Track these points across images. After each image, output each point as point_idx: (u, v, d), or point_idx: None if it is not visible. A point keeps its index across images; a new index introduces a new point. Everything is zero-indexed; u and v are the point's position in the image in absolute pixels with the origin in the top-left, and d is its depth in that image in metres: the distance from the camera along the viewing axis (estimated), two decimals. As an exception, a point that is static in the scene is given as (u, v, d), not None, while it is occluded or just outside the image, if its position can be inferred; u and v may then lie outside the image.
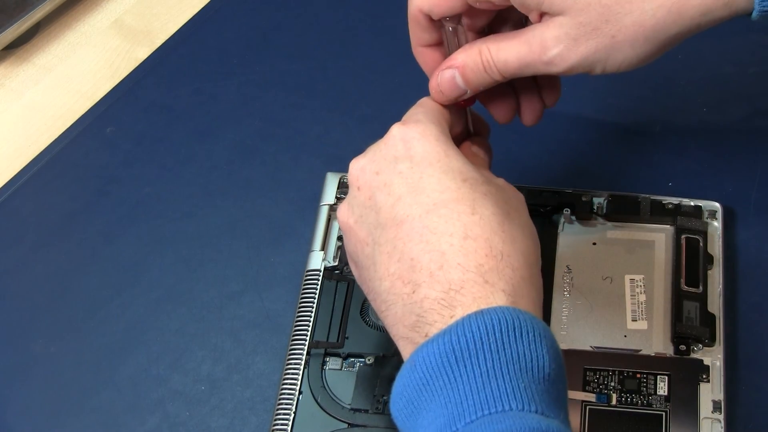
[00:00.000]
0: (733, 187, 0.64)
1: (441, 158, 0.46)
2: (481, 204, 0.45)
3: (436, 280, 0.43)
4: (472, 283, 0.42)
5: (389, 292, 0.45)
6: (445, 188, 0.45)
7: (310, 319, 0.58)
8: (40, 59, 0.76)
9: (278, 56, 0.74)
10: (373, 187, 0.47)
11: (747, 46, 0.70)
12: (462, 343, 0.41)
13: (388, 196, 0.46)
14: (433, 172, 0.46)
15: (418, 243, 0.44)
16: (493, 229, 0.44)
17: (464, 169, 0.46)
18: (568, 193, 0.62)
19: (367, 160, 0.48)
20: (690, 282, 0.58)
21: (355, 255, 0.48)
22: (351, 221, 0.48)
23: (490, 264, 0.43)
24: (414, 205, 0.45)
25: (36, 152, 0.70)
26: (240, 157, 0.69)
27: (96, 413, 0.58)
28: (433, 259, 0.43)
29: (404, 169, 0.46)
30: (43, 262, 0.65)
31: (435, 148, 0.46)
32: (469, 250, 0.43)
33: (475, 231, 0.44)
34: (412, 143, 0.47)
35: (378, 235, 0.46)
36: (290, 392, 0.56)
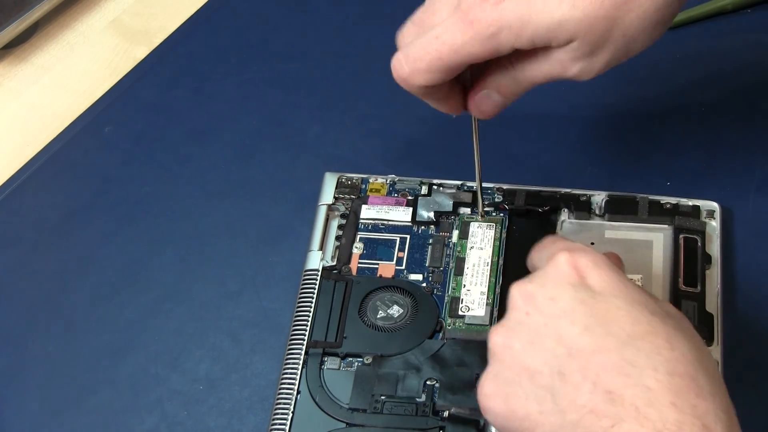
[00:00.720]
0: (732, 187, 0.64)
1: (623, 289, 0.44)
2: (677, 339, 0.43)
3: (645, 417, 0.40)
4: (691, 426, 0.40)
5: (577, 425, 0.42)
6: (636, 321, 0.43)
7: (309, 319, 0.58)
8: (38, 59, 0.76)
9: (277, 56, 0.74)
10: (550, 314, 0.44)
11: (746, 46, 0.70)
12: None
13: (571, 324, 0.43)
14: (620, 303, 0.43)
15: (617, 375, 0.41)
16: (695, 366, 0.42)
17: (648, 301, 0.44)
18: (566, 193, 0.62)
19: (535, 284, 0.46)
20: (688, 282, 0.58)
21: (516, 385, 0.44)
22: (517, 346, 0.44)
23: (704, 406, 0.41)
24: (605, 336, 0.42)
25: (34, 152, 0.70)
26: (238, 157, 0.69)
27: (94, 413, 0.58)
28: (638, 394, 0.41)
29: (587, 298, 0.44)
30: (41, 262, 0.65)
31: (613, 277, 0.45)
32: (679, 389, 0.41)
33: (679, 368, 0.42)
34: (586, 271, 0.45)
35: (559, 365, 0.43)
36: (288, 392, 0.56)
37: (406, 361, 0.56)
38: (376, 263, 0.60)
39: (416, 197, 0.63)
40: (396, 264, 0.60)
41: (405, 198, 0.63)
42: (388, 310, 0.58)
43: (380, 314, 0.58)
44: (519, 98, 0.52)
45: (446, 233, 0.61)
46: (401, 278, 0.60)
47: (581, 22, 0.45)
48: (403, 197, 0.63)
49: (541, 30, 0.46)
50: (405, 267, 0.60)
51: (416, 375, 0.55)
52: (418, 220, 0.62)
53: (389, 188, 0.64)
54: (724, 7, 0.71)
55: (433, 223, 0.62)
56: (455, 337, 0.57)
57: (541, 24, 0.45)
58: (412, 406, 0.54)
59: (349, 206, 0.63)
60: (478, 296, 0.58)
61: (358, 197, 0.63)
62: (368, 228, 0.62)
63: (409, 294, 0.59)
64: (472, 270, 0.59)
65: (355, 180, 0.64)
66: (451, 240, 0.61)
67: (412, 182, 0.64)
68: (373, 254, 0.61)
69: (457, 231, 0.61)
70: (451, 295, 0.58)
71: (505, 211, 0.62)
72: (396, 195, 0.63)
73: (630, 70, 0.69)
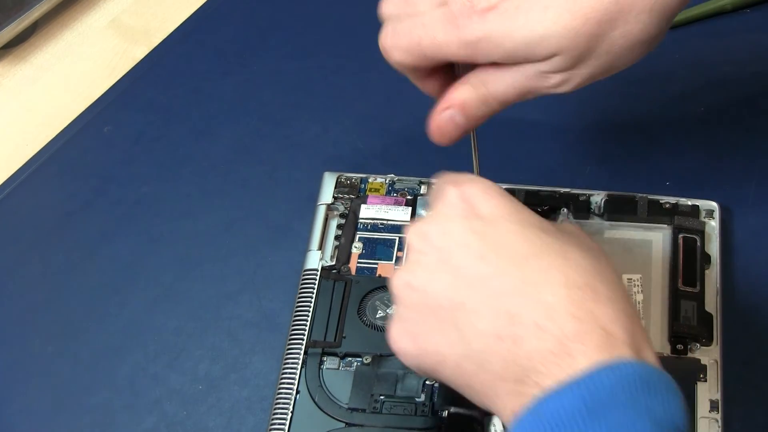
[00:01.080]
0: (731, 187, 0.64)
1: (512, 212, 0.45)
2: (571, 251, 0.43)
3: (546, 330, 0.41)
4: (591, 332, 0.41)
5: (483, 351, 0.42)
6: (528, 241, 0.44)
7: (308, 319, 0.58)
8: (37, 58, 0.76)
9: (276, 55, 0.74)
10: (445, 249, 0.44)
11: (745, 46, 0.70)
12: (595, 395, 0.39)
13: (466, 256, 0.44)
14: (511, 226, 0.44)
15: (515, 296, 0.42)
16: (591, 274, 0.43)
17: (539, 220, 0.45)
18: (565, 192, 0.62)
19: (428, 224, 0.46)
20: (687, 281, 0.58)
21: (421, 323, 0.45)
22: (417, 286, 0.45)
23: (602, 311, 0.42)
24: (500, 261, 0.43)
25: (33, 151, 0.70)
26: (237, 157, 0.69)
27: (93, 412, 0.58)
28: (537, 311, 0.41)
29: (478, 227, 0.44)
30: (40, 262, 0.65)
31: (502, 202, 0.45)
32: (576, 299, 0.42)
33: (575, 278, 0.42)
34: (475, 200, 0.45)
35: (459, 297, 0.43)
36: (287, 391, 0.56)
37: (406, 360, 0.56)
38: (376, 263, 0.60)
39: (415, 197, 0.63)
40: (395, 263, 0.60)
41: (404, 197, 0.63)
42: (388, 309, 0.58)
43: (379, 314, 0.58)
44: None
45: (445, 233, 0.61)
46: (400, 278, 0.60)
47: (564, 38, 0.45)
48: (402, 197, 0.63)
49: (520, 44, 0.45)
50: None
51: (415, 375, 0.55)
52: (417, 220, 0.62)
53: (388, 188, 0.64)
54: (723, 7, 0.71)
55: (433, 222, 0.62)
56: (454, 336, 0.57)
57: (521, 38, 0.45)
58: (411, 406, 0.54)
59: (349, 206, 0.63)
60: (477, 296, 0.58)
61: (357, 197, 0.63)
62: (367, 227, 0.62)
63: (408, 294, 0.59)
64: (472, 270, 0.59)
65: (354, 179, 0.64)
66: (451, 240, 0.61)
67: (411, 182, 0.64)
68: (373, 254, 0.61)
69: (456, 231, 0.61)
70: (450, 294, 0.58)
71: (505, 211, 0.62)
72: (395, 194, 0.63)
73: (629, 70, 0.69)
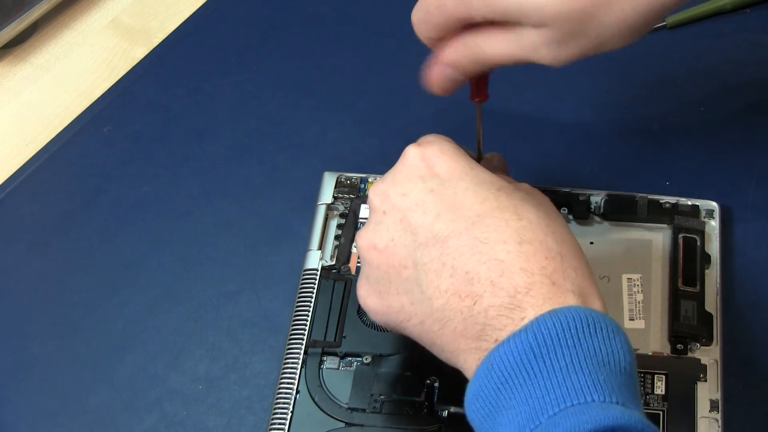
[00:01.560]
0: (731, 187, 0.64)
1: (468, 171, 0.46)
2: (524, 209, 0.45)
3: (500, 287, 0.43)
4: (540, 285, 0.43)
5: (444, 309, 0.44)
6: (483, 199, 0.45)
7: (308, 319, 0.58)
8: (37, 58, 0.76)
9: (276, 55, 0.74)
10: (404, 209, 0.46)
11: (744, 46, 0.70)
12: (540, 340, 0.41)
13: (423, 215, 0.45)
14: (466, 185, 0.46)
15: (471, 255, 0.44)
16: (544, 231, 0.45)
17: (494, 179, 0.46)
18: (565, 192, 0.62)
19: (387, 184, 0.48)
20: (687, 281, 0.58)
21: (386, 281, 0.47)
22: (380, 245, 0.47)
23: (552, 266, 0.43)
24: (456, 220, 0.45)
25: (33, 151, 0.70)
26: (237, 157, 0.69)
27: (93, 412, 0.58)
28: (492, 268, 0.43)
29: (435, 186, 0.46)
30: (40, 261, 0.65)
31: (458, 162, 0.47)
32: (528, 254, 0.43)
33: (527, 235, 0.44)
34: (433, 161, 0.47)
35: (419, 255, 0.45)
36: (287, 391, 0.56)
37: (406, 360, 0.56)
38: (375, 263, 0.60)
39: (415, 197, 0.63)
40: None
41: (404, 197, 0.63)
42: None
43: (379, 314, 0.58)
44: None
45: (445, 233, 0.61)
46: (400, 278, 0.60)
47: (557, 12, 0.45)
48: (402, 197, 0.63)
49: (513, 7, 0.45)
50: (404, 266, 0.60)
51: (415, 374, 0.55)
52: (417, 220, 0.62)
53: (388, 188, 0.64)
54: (722, 7, 0.71)
55: (432, 222, 0.62)
56: (454, 336, 0.57)
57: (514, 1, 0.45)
58: (411, 406, 0.54)
59: (348, 205, 0.63)
60: (477, 296, 0.58)
61: (357, 196, 0.63)
62: (367, 227, 0.62)
63: (408, 293, 0.59)
64: (471, 269, 0.59)
65: (354, 179, 0.64)
66: (450, 239, 0.61)
67: (411, 182, 0.64)
68: (372, 254, 0.61)
69: (456, 230, 0.61)
70: (450, 294, 0.58)
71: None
72: (395, 194, 0.63)
73: (629, 69, 0.69)
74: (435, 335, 0.45)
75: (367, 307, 0.49)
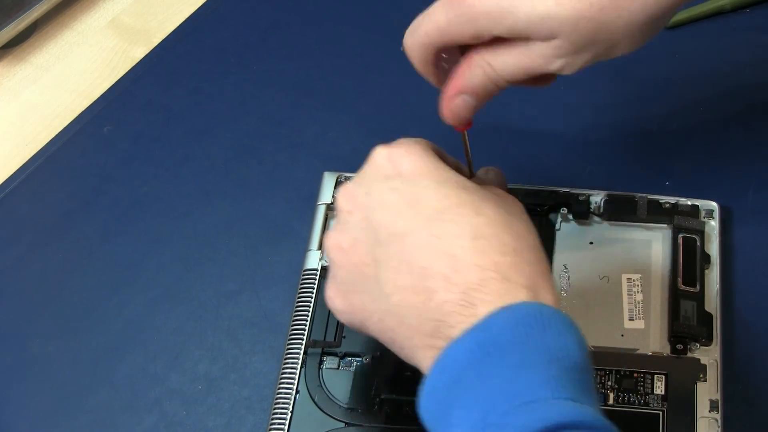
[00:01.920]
0: (731, 187, 0.64)
1: (431, 170, 0.46)
2: (483, 206, 0.45)
3: (453, 283, 0.43)
4: (492, 281, 0.43)
5: (401, 305, 0.44)
6: (443, 196, 0.45)
7: (308, 319, 0.58)
8: (37, 58, 0.76)
9: (276, 55, 0.74)
10: (367, 208, 0.46)
11: (744, 45, 0.70)
12: (489, 338, 0.41)
13: (385, 213, 0.46)
14: (428, 183, 0.46)
15: (427, 251, 0.44)
16: (500, 227, 0.44)
17: (457, 178, 0.46)
18: (565, 192, 0.62)
19: (354, 185, 0.48)
20: (687, 281, 0.58)
21: (350, 281, 0.47)
22: (345, 245, 0.47)
23: (506, 261, 0.43)
24: (415, 217, 0.45)
25: (33, 151, 0.70)
26: (237, 157, 0.69)
27: (93, 412, 0.58)
28: (445, 264, 0.43)
29: (397, 185, 0.46)
30: (40, 261, 0.65)
31: (424, 161, 0.47)
32: (482, 250, 0.43)
33: (483, 231, 0.44)
34: (399, 161, 0.47)
35: (380, 253, 0.45)
36: (287, 391, 0.56)
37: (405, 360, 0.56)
38: (375, 263, 0.60)
39: (415, 197, 0.63)
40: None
41: (404, 197, 0.63)
42: (387, 309, 0.58)
43: (379, 314, 0.58)
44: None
45: (445, 233, 0.61)
46: (400, 278, 0.60)
47: (565, 21, 0.45)
48: (402, 197, 0.63)
49: (521, 22, 0.45)
50: (404, 266, 0.60)
51: (415, 374, 0.55)
52: (417, 220, 0.62)
53: (388, 188, 0.64)
54: (722, 6, 0.71)
55: (432, 222, 0.62)
56: (454, 336, 0.57)
57: (522, 16, 0.45)
58: (410, 406, 0.54)
59: (348, 206, 0.63)
60: (477, 296, 0.58)
61: (357, 197, 0.63)
62: (367, 227, 0.62)
63: (408, 293, 0.59)
64: (471, 269, 0.59)
65: (354, 179, 0.64)
66: (450, 239, 0.61)
67: (411, 182, 0.64)
68: (372, 254, 0.61)
69: (456, 230, 0.61)
70: (450, 294, 0.58)
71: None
72: (395, 194, 0.63)
73: (628, 69, 0.69)
74: (393, 333, 0.46)
75: (334, 307, 0.49)
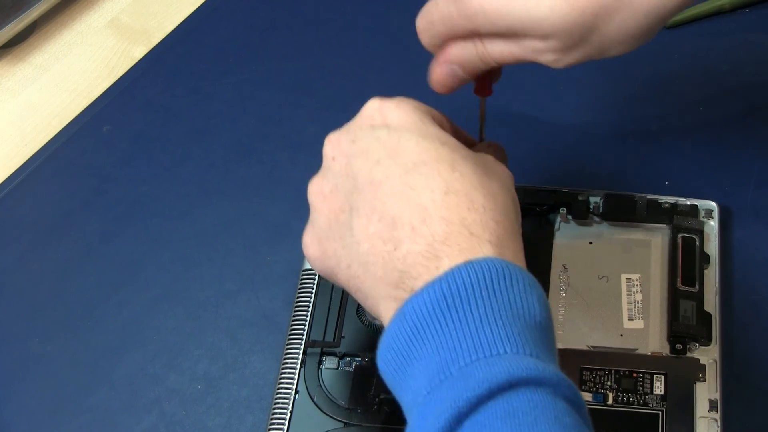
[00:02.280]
0: (730, 187, 0.64)
1: (418, 124, 0.47)
2: (461, 164, 0.45)
3: (419, 234, 0.43)
4: (457, 235, 0.43)
5: (368, 253, 0.44)
6: (423, 150, 0.45)
7: (307, 318, 0.58)
8: (36, 58, 0.76)
9: (275, 55, 0.74)
10: (350, 155, 0.47)
11: (743, 45, 0.70)
12: (453, 291, 0.41)
13: (365, 161, 0.46)
14: (410, 136, 0.46)
15: (399, 200, 0.44)
16: (473, 185, 0.45)
17: (442, 135, 0.47)
18: (564, 192, 0.62)
19: (341, 132, 0.49)
20: (686, 281, 0.58)
21: (326, 227, 0.47)
22: (326, 191, 0.47)
23: (473, 217, 0.44)
24: (393, 167, 0.45)
25: (32, 151, 0.70)
26: (236, 156, 0.69)
27: (92, 412, 0.58)
28: (414, 214, 0.44)
29: (382, 135, 0.47)
30: (39, 261, 0.65)
31: (411, 115, 0.47)
32: (451, 204, 0.44)
33: (455, 186, 0.44)
34: (388, 112, 0.48)
35: (355, 200, 0.46)
36: (287, 391, 0.56)
37: (405, 360, 0.56)
38: (375, 262, 0.60)
39: (414, 196, 0.63)
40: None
41: (403, 197, 0.63)
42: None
43: (378, 313, 0.58)
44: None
45: (444, 232, 0.61)
46: (399, 277, 0.60)
47: (559, 25, 0.46)
48: (402, 196, 0.63)
49: (517, 23, 0.46)
50: (403, 266, 0.60)
51: (414, 374, 0.55)
52: (416, 220, 0.62)
53: (387, 187, 0.64)
54: (721, 6, 0.71)
55: (432, 222, 0.62)
56: (453, 336, 0.57)
57: (518, 17, 0.46)
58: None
59: (348, 205, 0.63)
60: (476, 295, 0.58)
61: (356, 196, 0.63)
62: (366, 227, 0.62)
63: (407, 293, 0.59)
64: (471, 269, 0.59)
65: (354, 179, 0.64)
66: (450, 239, 0.61)
67: (410, 182, 0.64)
68: (372, 253, 0.61)
69: (455, 230, 0.61)
70: (449, 294, 0.58)
71: (504, 211, 0.62)
72: (394, 194, 0.63)
73: (628, 69, 0.69)
74: (359, 281, 0.46)
75: (308, 254, 0.49)
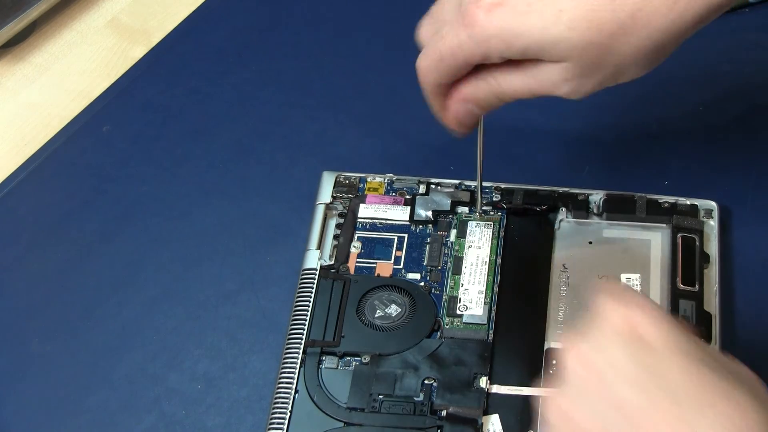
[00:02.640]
0: (730, 186, 0.64)
1: (681, 344, 0.42)
2: (736, 394, 0.40)
3: None
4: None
5: None
6: (694, 377, 0.41)
7: (307, 318, 0.58)
8: (36, 58, 0.76)
9: (274, 55, 0.74)
10: (609, 380, 0.41)
11: (744, 45, 0.70)
12: None
13: (631, 389, 0.41)
14: (679, 361, 0.41)
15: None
16: (756, 422, 0.39)
17: (705, 354, 0.42)
18: (564, 191, 0.62)
19: (591, 351, 0.43)
20: (686, 281, 0.58)
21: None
22: (578, 418, 0.42)
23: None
24: (663, 398, 0.40)
25: (32, 151, 0.70)
26: (236, 156, 0.69)
27: (92, 412, 0.58)
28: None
29: (644, 359, 0.41)
30: (39, 261, 0.65)
31: (672, 334, 0.42)
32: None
33: (739, 425, 0.39)
34: (643, 328, 0.42)
35: (618, 428, 0.40)
36: (286, 391, 0.56)
37: (404, 360, 0.56)
38: (374, 262, 0.60)
39: (414, 196, 0.63)
40: (394, 263, 0.60)
41: (403, 197, 0.63)
42: (386, 309, 0.58)
43: (378, 313, 0.58)
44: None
45: (444, 232, 0.61)
46: (399, 277, 0.60)
47: (575, 46, 0.45)
48: (401, 196, 0.63)
49: (533, 45, 0.45)
50: (403, 266, 0.60)
51: (414, 374, 0.55)
52: (416, 219, 0.62)
53: (387, 187, 0.64)
54: (722, 6, 0.71)
55: (431, 222, 0.62)
56: (453, 336, 0.57)
57: (533, 39, 0.45)
58: (410, 406, 0.54)
59: (347, 205, 0.63)
60: (476, 295, 0.58)
61: (355, 196, 0.63)
62: (366, 227, 0.62)
63: (407, 293, 0.59)
64: (470, 269, 0.59)
65: (353, 179, 0.64)
66: (449, 239, 0.61)
67: (409, 181, 0.64)
68: (371, 253, 0.61)
69: (455, 230, 0.61)
70: (449, 294, 0.58)
71: (503, 210, 0.62)
72: (394, 194, 0.63)
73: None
74: None
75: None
